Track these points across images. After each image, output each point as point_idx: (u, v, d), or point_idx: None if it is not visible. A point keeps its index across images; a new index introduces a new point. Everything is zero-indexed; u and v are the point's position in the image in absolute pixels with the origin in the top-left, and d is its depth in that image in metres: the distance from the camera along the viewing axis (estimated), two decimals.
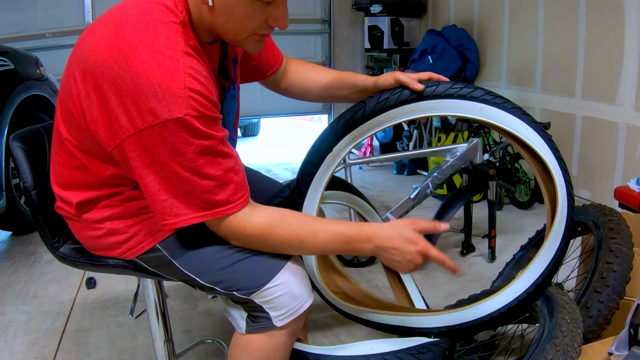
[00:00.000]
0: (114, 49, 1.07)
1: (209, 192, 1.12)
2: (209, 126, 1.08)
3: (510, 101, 1.47)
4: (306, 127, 8.50)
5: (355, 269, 2.88)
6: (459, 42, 4.71)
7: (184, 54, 1.07)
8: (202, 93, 1.07)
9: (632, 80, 3.36)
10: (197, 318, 2.40)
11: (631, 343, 1.28)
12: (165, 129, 1.04)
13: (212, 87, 1.12)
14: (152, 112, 1.04)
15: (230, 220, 1.17)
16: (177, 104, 1.03)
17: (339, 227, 1.24)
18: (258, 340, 1.27)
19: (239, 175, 1.17)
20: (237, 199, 1.16)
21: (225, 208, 1.15)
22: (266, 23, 1.17)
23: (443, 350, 1.58)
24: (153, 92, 1.03)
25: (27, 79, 3.47)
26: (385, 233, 1.24)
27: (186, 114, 1.04)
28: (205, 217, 1.14)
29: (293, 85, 1.66)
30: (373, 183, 4.77)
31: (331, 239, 1.23)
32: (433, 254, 1.24)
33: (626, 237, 1.71)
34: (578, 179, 3.85)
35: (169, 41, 1.07)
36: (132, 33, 1.07)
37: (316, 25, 5.87)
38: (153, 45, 1.05)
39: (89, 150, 1.21)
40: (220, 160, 1.12)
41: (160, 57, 1.04)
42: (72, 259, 1.40)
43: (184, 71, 1.05)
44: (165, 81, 1.03)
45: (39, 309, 2.51)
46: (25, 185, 1.38)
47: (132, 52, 1.05)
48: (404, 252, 1.24)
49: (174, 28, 1.09)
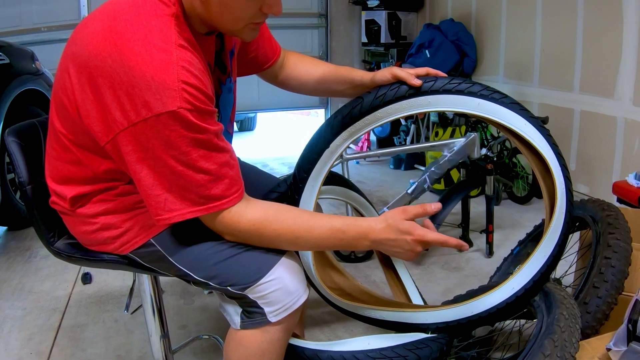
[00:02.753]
0: (108, 43, 1.06)
1: (203, 186, 1.11)
2: (203, 119, 1.07)
3: (509, 96, 1.46)
4: (303, 122, 8.50)
5: (352, 265, 2.87)
6: (457, 36, 4.70)
7: (178, 46, 1.07)
8: (196, 86, 1.06)
9: (630, 75, 3.35)
10: (193, 314, 2.40)
11: (629, 339, 1.28)
12: (159, 122, 1.03)
13: (207, 80, 1.11)
14: (145, 105, 1.03)
15: (225, 215, 1.16)
16: (170, 97, 1.03)
17: (334, 223, 1.23)
18: (253, 335, 1.27)
19: (233, 170, 1.16)
20: (231, 194, 1.15)
21: (219, 203, 1.14)
22: (260, 11, 1.17)
23: (440, 345, 1.57)
24: (146, 85, 1.02)
25: (22, 74, 3.46)
26: (380, 227, 1.24)
27: (180, 106, 1.03)
28: (200, 212, 1.14)
29: (290, 78, 1.66)
30: (370, 178, 4.76)
31: (326, 235, 1.22)
32: (431, 239, 1.22)
33: (624, 232, 1.70)
34: (576, 173, 3.85)
35: (162, 34, 1.07)
36: (126, 26, 1.06)
37: (313, 19, 5.85)
38: (146, 39, 1.05)
39: (83, 145, 1.20)
40: (215, 154, 1.11)
41: (153, 50, 1.04)
42: (67, 254, 1.40)
43: (177, 64, 1.04)
44: (159, 74, 1.03)
45: (34, 304, 2.50)
46: (20, 180, 1.37)
47: (125, 46, 1.04)
48: (401, 243, 1.23)
49: (167, 21, 1.09)
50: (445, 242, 1.23)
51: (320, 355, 1.52)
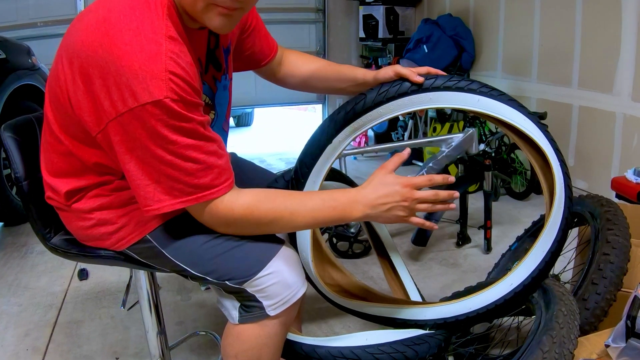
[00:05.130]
0: (100, 33, 1.06)
1: (192, 175, 1.10)
2: (189, 110, 1.07)
3: (507, 94, 1.47)
4: (300, 117, 8.49)
5: (350, 260, 2.87)
6: (455, 31, 4.68)
7: (168, 38, 1.07)
8: (183, 77, 1.06)
9: (629, 70, 3.35)
10: (190, 310, 2.39)
11: (628, 335, 1.28)
12: (145, 111, 1.03)
13: (194, 74, 1.11)
14: (132, 95, 1.03)
15: (217, 205, 1.16)
16: (157, 86, 1.03)
17: (324, 194, 1.26)
18: (250, 330, 1.27)
19: (222, 159, 1.15)
20: (220, 183, 1.15)
21: (209, 192, 1.13)
22: None
23: (439, 342, 1.57)
24: (134, 74, 1.02)
25: (18, 69, 3.45)
26: (367, 189, 1.27)
27: (166, 96, 1.03)
28: (189, 202, 1.13)
29: (291, 76, 1.66)
30: (368, 173, 4.70)
31: (319, 205, 1.23)
32: (419, 181, 1.27)
33: (623, 228, 1.70)
34: (575, 169, 3.84)
35: (154, 25, 1.07)
36: (119, 17, 1.07)
37: (310, 14, 5.84)
38: (137, 29, 1.05)
39: (74, 135, 1.20)
40: (203, 143, 1.11)
41: (143, 41, 1.04)
42: (63, 250, 1.40)
43: (165, 54, 1.04)
44: (147, 64, 1.03)
45: (30, 300, 2.50)
46: (16, 175, 1.37)
47: (116, 36, 1.05)
48: (391, 195, 1.25)
49: (160, 12, 1.09)
50: (431, 179, 1.28)
51: (317, 350, 1.52)
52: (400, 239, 3.14)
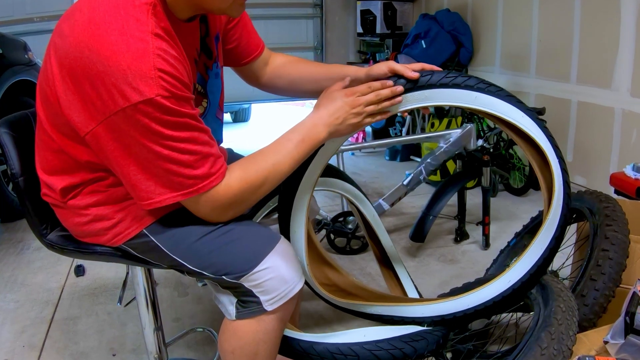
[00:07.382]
0: (86, 34, 1.06)
1: (190, 166, 1.12)
2: (181, 105, 1.08)
3: (504, 89, 1.45)
4: (298, 113, 8.47)
5: (347, 257, 2.87)
6: (453, 26, 4.67)
7: (154, 35, 1.07)
8: (172, 73, 1.06)
9: (628, 65, 3.34)
10: (187, 306, 2.39)
11: (627, 331, 1.28)
12: (138, 110, 1.04)
13: (182, 68, 1.11)
14: (123, 95, 1.03)
15: (218, 190, 1.17)
16: (147, 85, 1.03)
17: (288, 133, 1.32)
18: (248, 325, 1.27)
19: (214, 147, 1.17)
20: (217, 170, 1.17)
21: (208, 181, 1.15)
22: None
23: (437, 338, 1.57)
24: (123, 74, 1.03)
25: (15, 64, 3.44)
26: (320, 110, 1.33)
27: (157, 94, 1.04)
28: (191, 194, 1.15)
29: (278, 78, 1.64)
30: (365, 169, 4.75)
31: (291, 146, 1.29)
32: (360, 89, 1.33)
33: (622, 224, 1.69)
34: (573, 165, 3.84)
35: (139, 23, 1.07)
36: (104, 17, 1.07)
37: (307, 9, 5.81)
38: (123, 28, 1.05)
39: (65, 133, 1.20)
40: (197, 134, 1.12)
41: (129, 40, 1.04)
42: (60, 246, 1.40)
43: (153, 52, 1.05)
44: (135, 63, 1.03)
45: (27, 297, 2.49)
46: (12, 171, 1.37)
47: (102, 36, 1.05)
48: (341, 108, 1.32)
49: (144, 10, 1.09)
50: (370, 85, 1.34)
51: (315, 346, 1.52)
52: (397, 235, 3.13)
